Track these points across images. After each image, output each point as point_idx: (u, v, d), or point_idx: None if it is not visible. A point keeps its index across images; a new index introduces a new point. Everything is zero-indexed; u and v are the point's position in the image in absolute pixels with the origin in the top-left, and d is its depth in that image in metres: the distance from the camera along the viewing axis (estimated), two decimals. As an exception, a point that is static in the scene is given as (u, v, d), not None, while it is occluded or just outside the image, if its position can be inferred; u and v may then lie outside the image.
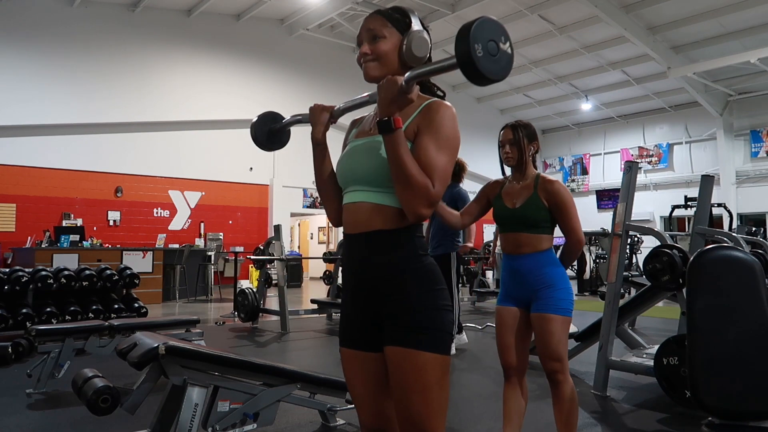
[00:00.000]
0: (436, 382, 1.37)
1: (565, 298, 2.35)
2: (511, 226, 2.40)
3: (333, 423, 3.06)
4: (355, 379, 1.51)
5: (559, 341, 2.32)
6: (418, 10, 14.01)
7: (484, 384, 4.17)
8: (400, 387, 1.38)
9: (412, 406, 1.37)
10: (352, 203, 1.48)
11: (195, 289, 10.67)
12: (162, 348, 2.33)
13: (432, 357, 1.36)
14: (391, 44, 1.48)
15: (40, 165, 10.53)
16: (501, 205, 2.45)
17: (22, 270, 5.78)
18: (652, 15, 12.08)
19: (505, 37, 1.25)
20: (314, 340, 6.26)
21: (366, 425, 1.53)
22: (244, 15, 12.80)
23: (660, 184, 16.47)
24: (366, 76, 1.52)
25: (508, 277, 2.44)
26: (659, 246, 3.64)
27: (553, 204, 2.35)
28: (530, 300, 2.38)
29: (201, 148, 12.48)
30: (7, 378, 4.12)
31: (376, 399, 1.50)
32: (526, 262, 2.36)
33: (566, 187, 2.42)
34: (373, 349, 1.46)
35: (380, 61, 1.48)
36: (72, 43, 10.85)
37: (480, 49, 1.18)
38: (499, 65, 1.23)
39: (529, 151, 2.44)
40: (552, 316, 2.31)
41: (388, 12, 1.51)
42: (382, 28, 1.48)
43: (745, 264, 3.13)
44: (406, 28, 1.48)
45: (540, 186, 2.37)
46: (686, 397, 3.27)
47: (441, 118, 1.42)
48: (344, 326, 1.53)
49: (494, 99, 17.34)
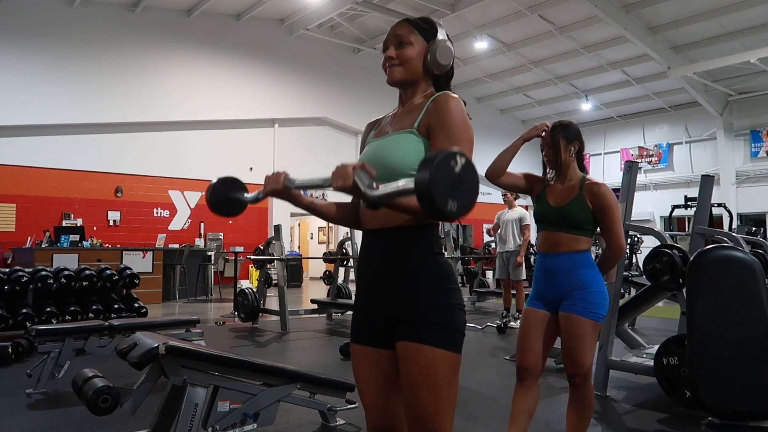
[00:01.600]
0: (445, 379, 1.38)
1: (598, 302, 2.26)
2: (552, 225, 2.36)
3: (333, 423, 3.06)
4: (365, 375, 1.52)
5: (585, 346, 2.24)
6: (418, 10, 14.06)
7: (483, 384, 4.17)
8: (410, 383, 1.38)
9: (420, 403, 1.37)
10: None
11: (195, 289, 10.67)
12: (162, 348, 2.33)
13: (443, 354, 1.37)
14: (416, 51, 1.54)
15: (40, 165, 10.53)
16: (545, 203, 2.41)
17: (22, 270, 5.78)
18: (652, 15, 12.08)
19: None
20: (314, 340, 6.26)
21: (373, 423, 1.54)
22: (244, 15, 12.80)
23: (660, 184, 16.47)
24: (390, 78, 1.57)
25: (542, 277, 2.39)
26: (659, 246, 3.64)
27: (597, 206, 2.31)
28: (561, 302, 2.31)
29: (201, 148, 12.48)
30: (7, 378, 4.12)
31: (386, 396, 1.51)
32: (562, 261, 2.31)
33: (612, 191, 2.38)
34: (385, 346, 1.47)
35: (405, 65, 1.54)
36: (72, 43, 10.85)
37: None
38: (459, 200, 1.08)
39: (568, 152, 2.41)
40: (581, 318, 2.23)
41: (416, 21, 1.58)
42: (408, 34, 1.55)
43: (745, 264, 3.13)
44: (432, 36, 1.56)
45: (586, 187, 2.35)
46: (686, 397, 3.27)
47: (449, 111, 1.45)
48: (357, 322, 1.55)
49: (494, 99, 17.34)
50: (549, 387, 3.97)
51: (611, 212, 2.32)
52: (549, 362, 4.63)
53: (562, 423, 3.21)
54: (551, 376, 4.27)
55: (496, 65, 15.19)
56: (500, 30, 13.29)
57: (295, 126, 13.91)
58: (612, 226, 2.33)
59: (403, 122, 1.53)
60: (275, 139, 13.58)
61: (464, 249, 11.25)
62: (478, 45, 13.71)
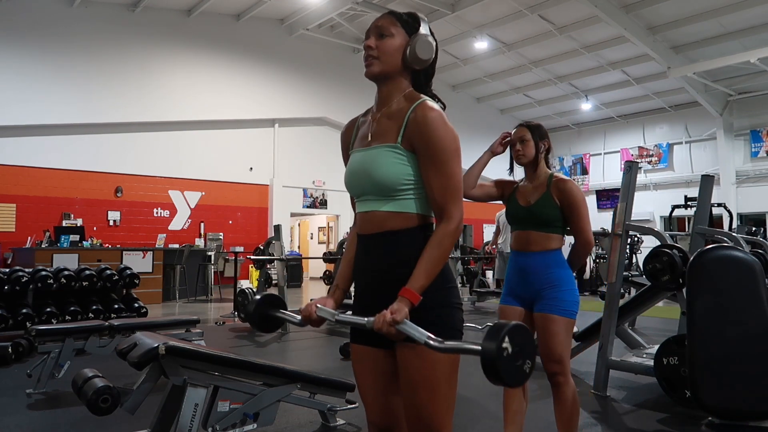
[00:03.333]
0: (445, 378, 1.41)
1: (570, 299, 2.32)
2: (523, 224, 2.41)
3: (333, 423, 3.06)
4: (365, 375, 1.54)
5: (561, 343, 2.30)
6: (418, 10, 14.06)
7: (483, 384, 4.17)
8: (409, 382, 1.41)
9: (420, 403, 1.40)
10: (365, 212, 1.52)
11: (195, 289, 10.67)
12: (162, 348, 2.33)
13: (441, 353, 1.36)
14: (396, 43, 1.51)
15: (40, 165, 10.53)
16: (515, 203, 2.46)
17: (22, 270, 5.78)
18: (652, 15, 12.08)
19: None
20: (314, 340, 6.26)
21: (374, 422, 1.55)
22: (244, 15, 12.79)
23: (660, 184, 16.47)
24: (367, 71, 1.53)
25: (515, 275, 2.43)
26: (659, 246, 3.64)
27: (564, 203, 2.36)
28: (534, 300, 2.37)
29: (201, 148, 12.48)
30: (7, 378, 4.12)
31: (385, 396, 1.52)
32: (534, 260, 2.36)
33: (579, 187, 2.44)
34: (384, 346, 1.49)
35: (382, 58, 1.51)
36: (72, 43, 10.85)
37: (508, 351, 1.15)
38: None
39: (541, 149, 2.45)
40: (555, 317, 2.29)
41: (399, 14, 1.55)
42: (390, 26, 1.52)
43: (745, 264, 3.13)
44: (414, 30, 1.52)
45: (553, 185, 2.39)
46: (686, 397, 3.27)
47: (433, 131, 1.43)
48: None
49: (494, 99, 17.33)
50: (549, 387, 3.96)
51: (578, 208, 2.36)
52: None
53: (562, 423, 3.22)
54: (551, 376, 4.27)
55: (496, 65, 15.19)
56: (500, 30, 13.29)
57: (295, 126, 13.91)
58: (579, 222, 2.38)
59: (384, 130, 1.50)
60: (275, 139, 13.58)
61: (464, 249, 11.25)
62: (478, 45, 13.70)
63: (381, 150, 1.48)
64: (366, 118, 1.62)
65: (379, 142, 1.50)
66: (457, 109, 16.62)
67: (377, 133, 1.52)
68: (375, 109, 1.58)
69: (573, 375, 4.29)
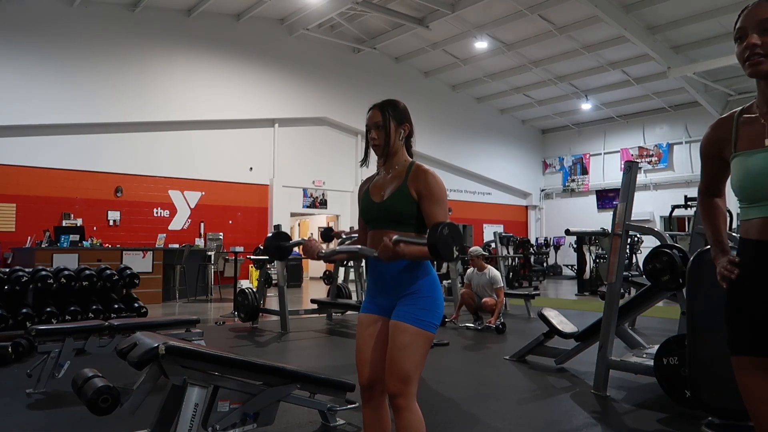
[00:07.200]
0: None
1: (428, 308, 1.95)
2: (377, 223, 2.04)
3: (333, 423, 3.05)
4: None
5: (409, 358, 1.89)
6: (418, 9, 14.05)
7: (483, 384, 4.17)
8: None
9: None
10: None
11: (195, 289, 10.67)
12: (162, 348, 2.33)
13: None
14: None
15: (40, 165, 10.54)
16: (367, 199, 2.09)
17: (22, 270, 5.78)
18: (652, 15, 12.09)
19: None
20: (314, 340, 6.26)
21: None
22: (244, 15, 12.80)
23: (660, 184, 16.48)
24: (753, 71, 1.52)
25: (372, 281, 2.09)
26: (659, 246, 3.64)
27: (420, 195, 1.97)
28: (393, 308, 2.01)
29: (201, 148, 12.48)
30: (7, 378, 4.12)
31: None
32: (391, 264, 1.95)
33: (441, 181, 2.02)
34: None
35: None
36: (72, 42, 10.85)
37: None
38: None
39: (398, 135, 2.06)
40: (407, 326, 1.91)
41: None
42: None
43: (745, 264, 3.12)
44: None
45: (411, 175, 2.00)
46: (686, 397, 3.27)
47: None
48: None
49: (494, 99, 17.33)
50: (548, 387, 3.97)
51: (432, 199, 1.97)
52: (549, 361, 4.64)
53: (562, 423, 3.22)
54: (550, 376, 4.27)
55: (496, 65, 15.19)
56: (500, 30, 13.29)
57: (295, 126, 13.92)
58: (430, 218, 1.96)
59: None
60: (275, 139, 13.58)
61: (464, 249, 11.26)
62: (478, 45, 13.71)
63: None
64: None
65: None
66: (457, 108, 16.64)
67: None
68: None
69: (572, 375, 4.32)
